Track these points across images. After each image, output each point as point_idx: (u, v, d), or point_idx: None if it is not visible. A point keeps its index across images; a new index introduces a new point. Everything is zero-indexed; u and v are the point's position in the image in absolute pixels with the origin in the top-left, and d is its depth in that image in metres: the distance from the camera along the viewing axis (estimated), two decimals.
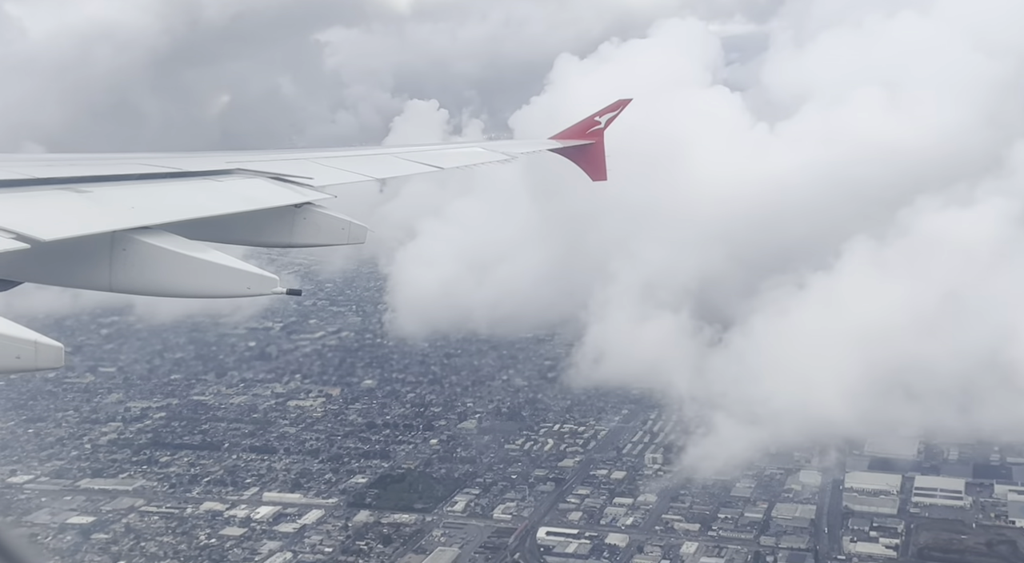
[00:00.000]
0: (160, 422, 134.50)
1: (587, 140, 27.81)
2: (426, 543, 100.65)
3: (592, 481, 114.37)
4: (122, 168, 13.17)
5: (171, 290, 10.35)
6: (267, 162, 15.50)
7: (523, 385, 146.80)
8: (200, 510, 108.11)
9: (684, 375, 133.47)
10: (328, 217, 13.55)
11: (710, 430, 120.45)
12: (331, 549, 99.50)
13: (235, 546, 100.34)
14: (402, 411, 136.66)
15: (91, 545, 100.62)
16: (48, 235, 8.87)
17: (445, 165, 20.68)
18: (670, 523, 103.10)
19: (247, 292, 10.15)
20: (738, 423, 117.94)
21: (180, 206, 11.94)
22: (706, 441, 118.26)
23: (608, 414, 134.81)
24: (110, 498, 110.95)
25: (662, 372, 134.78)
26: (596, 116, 28.10)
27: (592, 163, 28.25)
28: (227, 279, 10.16)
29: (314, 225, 13.38)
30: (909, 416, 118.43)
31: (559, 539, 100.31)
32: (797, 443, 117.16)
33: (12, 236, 8.55)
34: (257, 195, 13.33)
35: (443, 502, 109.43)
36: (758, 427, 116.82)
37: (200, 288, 10.33)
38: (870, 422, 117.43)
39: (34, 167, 12.26)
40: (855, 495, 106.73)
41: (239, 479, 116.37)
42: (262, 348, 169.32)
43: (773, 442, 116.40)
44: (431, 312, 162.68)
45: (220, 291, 10.42)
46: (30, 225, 8.90)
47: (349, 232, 13.62)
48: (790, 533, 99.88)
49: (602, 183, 29.28)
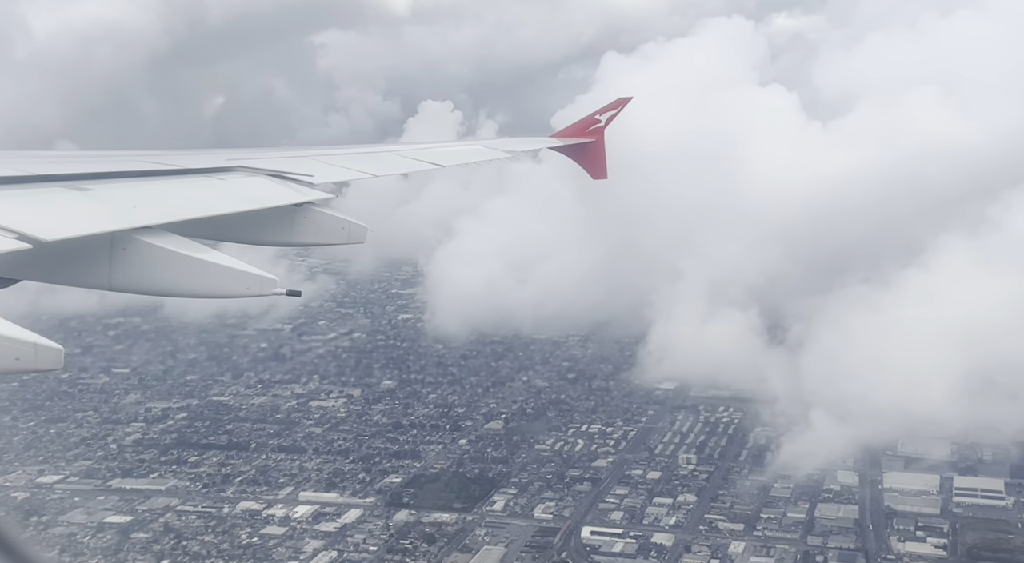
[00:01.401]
0: (183, 422, 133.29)
1: (587, 138, 27.72)
2: (470, 542, 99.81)
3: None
4: (123, 165, 13.10)
5: (170, 290, 10.32)
6: (267, 159, 15.49)
7: (544, 386, 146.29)
8: (237, 509, 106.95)
9: (759, 374, 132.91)
10: (328, 216, 13.54)
11: (807, 427, 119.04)
12: (376, 548, 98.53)
13: (278, 545, 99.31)
14: (426, 411, 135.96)
15: (132, 544, 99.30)
16: (50, 235, 8.77)
17: (445, 163, 20.62)
18: (713, 523, 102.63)
19: (246, 293, 10.13)
20: (834, 420, 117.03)
21: (182, 205, 11.91)
22: (803, 438, 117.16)
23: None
24: (144, 498, 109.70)
25: (731, 371, 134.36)
26: (596, 114, 28.08)
27: (592, 161, 28.13)
28: (227, 280, 10.15)
29: (314, 224, 13.37)
30: (1008, 414, 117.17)
31: (604, 538, 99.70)
32: (890, 441, 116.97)
33: (14, 236, 8.45)
34: (259, 194, 13.31)
35: (481, 501, 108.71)
36: (853, 425, 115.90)
37: (199, 288, 10.30)
38: (969, 421, 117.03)
39: (36, 164, 12.22)
40: (896, 495, 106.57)
41: (272, 479, 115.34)
42: (275, 349, 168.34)
43: (874, 439, 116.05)
44: (471, 312, 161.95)
45: (220, 291, 10.37)
46: (32, 224, 8.82)
47: (349, 232, 13.59)
48: (836, 533, 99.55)
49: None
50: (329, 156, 17.50)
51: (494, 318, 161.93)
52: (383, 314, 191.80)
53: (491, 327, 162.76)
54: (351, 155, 18.64)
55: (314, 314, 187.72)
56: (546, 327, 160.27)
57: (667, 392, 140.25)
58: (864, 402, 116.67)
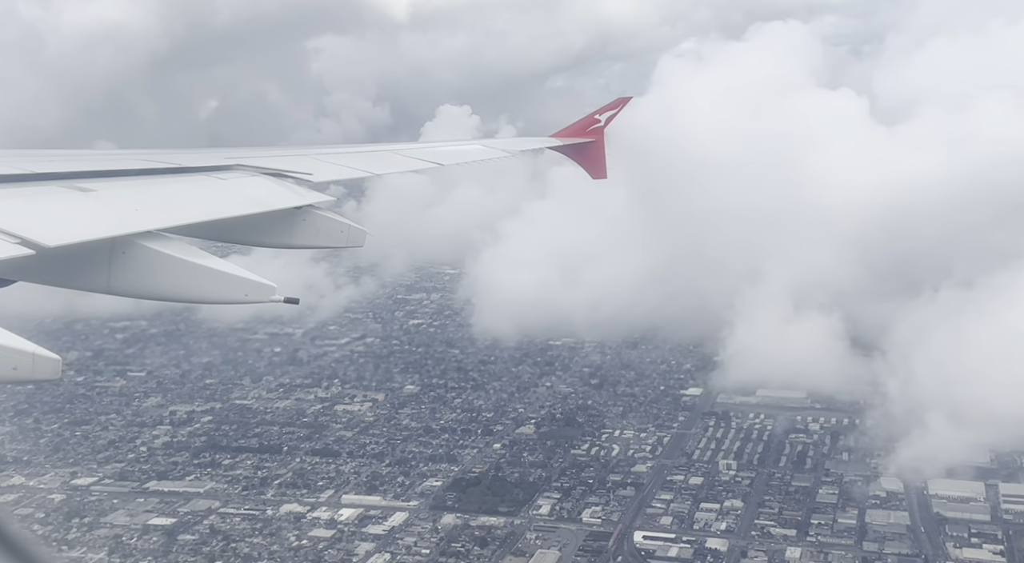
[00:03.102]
0: (209, 426, 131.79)
1: (587, 138, 27.62)
2: (522, 546, 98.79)
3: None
4: (125, 164, 13.17)
5: (169, 295, 10.32)
6: (267, 158, 15.47)
7: (569, 391, 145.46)
8: (280, 512, 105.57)
9: (844, 378, 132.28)
10: (328, 220, 13.50)
11: (925, 431, 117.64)
12: (428, 551, 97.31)
13: (328, 547, 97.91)
14: (454, 416, 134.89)
15: (180, 546, 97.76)
16: (53, 241, 8.71)
17: (445, 162, 20.52)
18: (765, 528, 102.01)
19: (244, 299, 10.15)
20: (951, 425, 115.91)
21: (183, 208, 11.97)
22: (921, 443, 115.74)
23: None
24: (183, 500, 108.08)
25: (811, 375, 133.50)
26: (596, 114, 27.94)
27: (592, 161, 28.07)
28: (225, 286, 10.13)
29: (313, 227, 13.35)
30: None
31: (657, 543, 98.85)
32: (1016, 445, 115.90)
33: (16, 241, 8.39)
34: (260, 195, 13.30)
35: (526, 505, 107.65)
36: (971, 430, 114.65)
37: (198, 294, 10.30)
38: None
39: (38, 163, 12.23)
40: (943, 502, 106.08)
41: (310, 482, 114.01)
42: (290, 354, 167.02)
43: (997, 444, 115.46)
44: (519, 315, 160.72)
45: (218, 297, 10.32)
46: (34, 229, 8.75)
47: (348, 235, 13.61)
48: (890, 539, 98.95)
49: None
50: (328, 155, 17.48)
51: (546, 321, 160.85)
52: (392, 319, 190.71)
53: (542, 330, 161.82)
54: (350, 154, 18.69)
55: (323, 319, 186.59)
56: (597, 331, 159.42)
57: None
58: (979, 407, 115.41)
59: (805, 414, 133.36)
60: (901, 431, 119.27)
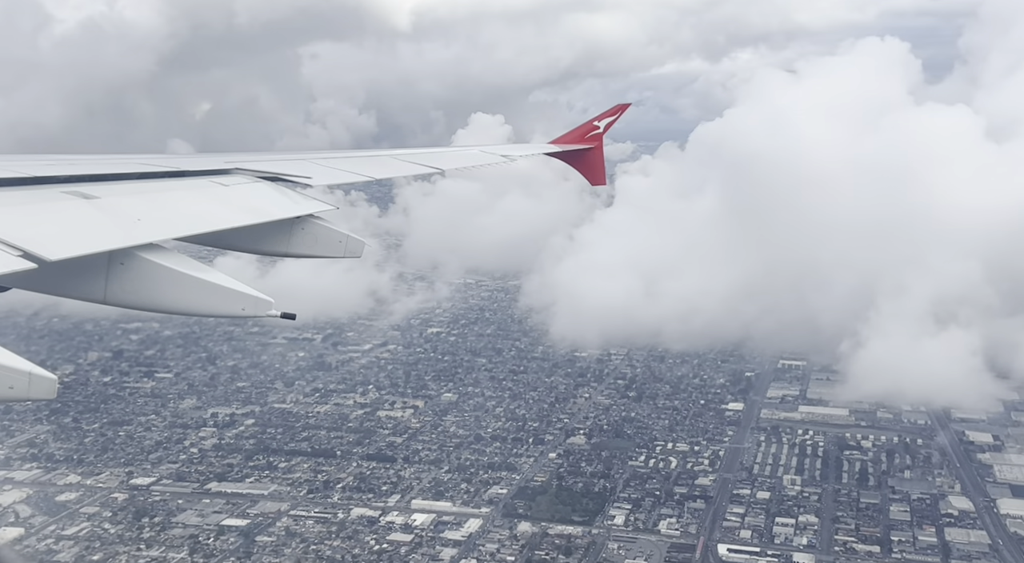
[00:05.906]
0: (254, 429, 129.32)
1: (586, 145, 27.37)
2: (607, 556, 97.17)
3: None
4: (125, 167, 13.19)
5: (165, 306, 10.08)
6: (265, 162, 15.58)
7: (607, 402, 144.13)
8: (352, 516, 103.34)
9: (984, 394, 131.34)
10: (327, 230, 13.45)
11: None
12: (513, 558, 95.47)
13: (411, 551, 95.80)
14: (500, 424, 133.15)
15: (260, 547, 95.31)
16: (54, 254, 8.53)
17: (445, 167, 20.57)
18: (847, 543, 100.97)
19: (241, 313, 10.00)
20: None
21: (185, 217, 11.89)
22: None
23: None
24: (250, 502, 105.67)
25: (944, 391, 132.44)
26: (595, 121, 27.81)
27: (591, 168, 27.78)
28: (222, 299, 9.98)
29: (312, 236, 13.34)
30: None
31: (743, 556, 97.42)
32: None
33: (18, 253, 8.22)
34: (260, 205, 13.28)
35: (598, 515, 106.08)
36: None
37: (194, 306, 10.07)
38: None
39: (38, 166, 12.19)
40: (1018, 521, 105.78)
41: (373, 486, 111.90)
42: (315, 359, 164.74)
43: None
44: (604, 324, 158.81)
45: (214, 310, 10.12)
46: (36, 241, 8.59)
47: (346, 246, 13.59)
48: (976, 558, 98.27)
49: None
50: (327, 159, 17.53)
51: (628, 331, 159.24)
52: (409, 327, 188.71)
53: (624, 339, 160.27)
54: (349, 158, 18.59)
55: (339, 325, 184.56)
56: (685, 341, 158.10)
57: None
58: None
59: (853, 431, 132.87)
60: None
